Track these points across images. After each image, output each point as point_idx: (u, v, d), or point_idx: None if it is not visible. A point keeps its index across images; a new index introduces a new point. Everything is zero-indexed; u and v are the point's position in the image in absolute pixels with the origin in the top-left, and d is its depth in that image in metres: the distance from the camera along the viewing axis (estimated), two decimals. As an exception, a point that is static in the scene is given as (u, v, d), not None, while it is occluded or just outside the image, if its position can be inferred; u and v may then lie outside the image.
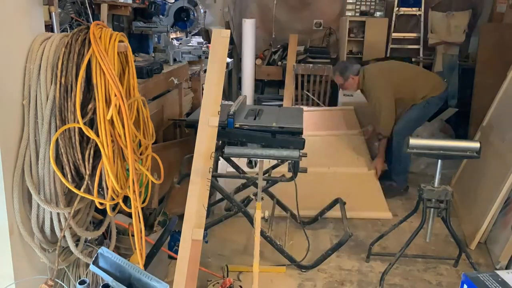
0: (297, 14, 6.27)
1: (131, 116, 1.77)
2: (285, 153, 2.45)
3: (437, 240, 3.12)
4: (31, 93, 1.64)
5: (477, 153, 2.39)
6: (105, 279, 1.39)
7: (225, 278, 2.50)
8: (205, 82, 2.31)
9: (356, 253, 2.96)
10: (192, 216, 2.07)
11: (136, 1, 3.86)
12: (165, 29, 4.16)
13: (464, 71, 5.55)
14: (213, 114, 2.24)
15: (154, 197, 2.51)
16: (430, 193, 2.49)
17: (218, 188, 2.84)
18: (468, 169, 3.78)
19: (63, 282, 1.85)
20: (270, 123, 2.79)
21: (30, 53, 1.65)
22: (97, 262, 1.42)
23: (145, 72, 2.93)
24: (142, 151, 1.89)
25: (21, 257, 1.72)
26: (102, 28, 1.69)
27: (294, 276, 2.69)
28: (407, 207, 3.64)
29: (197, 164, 2.16)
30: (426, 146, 2.45)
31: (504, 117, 3.50)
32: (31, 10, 1.71)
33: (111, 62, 1.64)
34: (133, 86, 1.82)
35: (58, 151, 1.65)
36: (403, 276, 2.71)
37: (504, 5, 5.26)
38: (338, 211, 3.16)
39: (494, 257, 2.87)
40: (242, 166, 3.19)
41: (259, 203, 2.31)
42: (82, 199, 1.74)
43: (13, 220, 1.65)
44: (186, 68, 3.95)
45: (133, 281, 1.35)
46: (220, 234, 3.09)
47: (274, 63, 6.02)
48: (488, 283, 1.13)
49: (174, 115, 3.65)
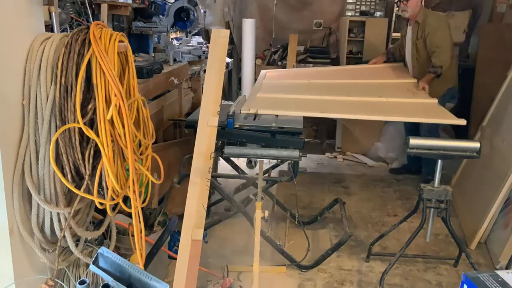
0: (297, 14, 6.27)
1: (131, 116, 1.77)
2: (285, 153, 2.45)
3: (437, 240, 3.12)
4: (31, 93, 1.64)
5: (477, 153, 2.39)
6: (105, 279, 1.39)
7: (225, 278, 2.50)
8: (205, 82, 2.31)
9: (356, 253, 2.96)
10: (191, 216, 2.07)
11: (136, 1, 3.86)
12: (165, 29, 4.16)
13: (464, 71, 5.55)
14: (212, 114, 2.24)
15: (154, 197, 2.51)
16: (430, 193, 2.48)
17: (218, 188, 2.85)
18: (468, 169, 3.78)
19: (63, 282, 1.85)
20: (270, 123, 2.79)
21: (30, 53, 1.65)
22: (97, 262, 1.42)
23: (145, 72, 2.94)
24: (142, 151, 1.89)
25: (21, 257, 1.72)
26: (102, 28, 1.69)
27: (294, 276, 2.69)
28: (407, 207, 3.64)
29: (196, 164, 2.16)
30: (426, 146, 2.45)
31: (504, 117, 3.50)
32: (31, 10, 1.71)
33: (111, 62, 1.64)
34: (133, 86, 1.82)
35: (58, 151, 1.65)
36: (403, 276, 2.71)
37: (504, 5, 5.26)
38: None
39: (494, 257, 2.87)
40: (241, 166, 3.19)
41: (259, 203, 2.31)
42: (82, 199, 1.74)
43: (13, 220, 1.65)
44: (186, 68, 3.95)
45: (133, 281, 1.35)
46: (220, 234, 3.09)
47: (274, 63, 6.02)
48: (488, 283, 1.13)
49: (174, 115, 3.65)
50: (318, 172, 4.45)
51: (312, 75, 4.20)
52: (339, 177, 4.34)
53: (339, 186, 4.11)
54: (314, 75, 4.22)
